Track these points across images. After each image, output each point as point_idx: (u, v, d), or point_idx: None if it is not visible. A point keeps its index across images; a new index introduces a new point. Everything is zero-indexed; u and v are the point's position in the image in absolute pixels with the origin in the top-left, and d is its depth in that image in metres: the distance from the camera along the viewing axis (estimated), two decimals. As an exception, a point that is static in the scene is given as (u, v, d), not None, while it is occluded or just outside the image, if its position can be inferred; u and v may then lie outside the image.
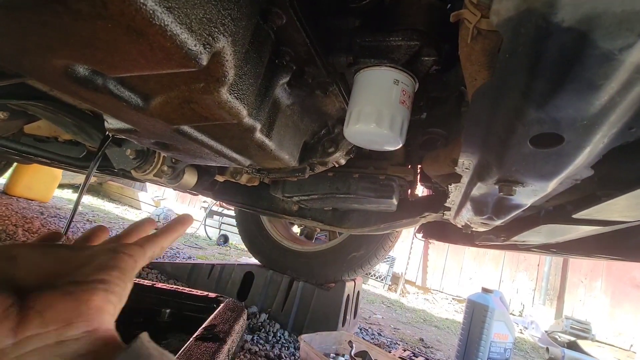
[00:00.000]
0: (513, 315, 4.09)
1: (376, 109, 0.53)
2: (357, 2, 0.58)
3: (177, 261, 2.53)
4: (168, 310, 0.87)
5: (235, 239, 4.78)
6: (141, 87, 0.40)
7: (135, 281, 0.97)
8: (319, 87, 0.61)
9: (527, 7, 0.19)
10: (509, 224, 0.77)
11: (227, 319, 0.81)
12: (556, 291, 4.07)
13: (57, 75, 0.37)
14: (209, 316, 0.82)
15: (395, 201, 1.05)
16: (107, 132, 0.59)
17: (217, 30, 0.31)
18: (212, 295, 0.98)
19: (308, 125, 0.73)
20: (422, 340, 2.32)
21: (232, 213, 5.04)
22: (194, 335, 0.68)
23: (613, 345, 3.64)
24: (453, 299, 4.45)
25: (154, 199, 6.25)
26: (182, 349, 0.61)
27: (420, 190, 1.31)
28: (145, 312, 0.89)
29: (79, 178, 6.13)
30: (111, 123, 0.56)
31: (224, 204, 5.09)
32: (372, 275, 4.50)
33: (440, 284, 4.69)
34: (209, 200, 5.45)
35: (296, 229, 2.45)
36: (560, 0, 0.17)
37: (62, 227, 2.76)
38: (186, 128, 0.52)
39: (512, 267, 4.40)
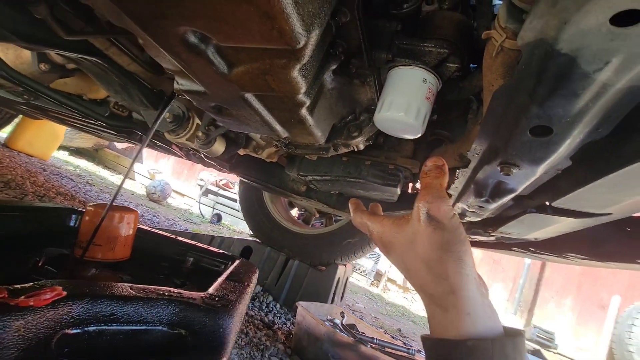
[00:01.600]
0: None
1: (406, 101, 0.65)
2: (398, 10, 0.70)
3: (176, 230, 2.62)
4: (191, 259, 0.98)
5: (228, 220, 4.87)
6: (232, 56, 0.51)
7: (159, 232, 1.08)
8: (359, 77, 0.72)
9: (542, 37, 0.31)
10: (496, 216, 0.90)
11: (246, 271, 0.92)
12: (528, 304, 4.29)
13: (173, 39, 0.47)
14: (227, 269, 0.93)
15: (398, 190, 1.17)
16: (174, 92, 0.69)
17: (315, 22, 0.41)
18: (227, 253, 1.09)
19: (340, 109, 0.84)
20: (399, 330, 2.47)
21: (228, 194, 5.12)
22: (223, 276, 0.79)
23: (573, 360, 3.88)
24: (431, 301, 4.64)
25: (150, 172, 6.28)
26: (216, 283, 0.72)
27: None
28: (170, 259, 1.00)
29: (77, 142, 6.12)
30: (182, 84, 0.66)
31: (220, 184, 5.17)
32: (357, 269, 4.65)
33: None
34: (205, 178, 5.52)
35: (294, 212, 2.56)
36: (561, 36, 0.29)
37: (65, 186, 2.82)
38: (250, 96, 0.62)
39: (490, 277, 4.60)
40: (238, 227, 4.77)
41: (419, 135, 0.69)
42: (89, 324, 0.43)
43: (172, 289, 0.58)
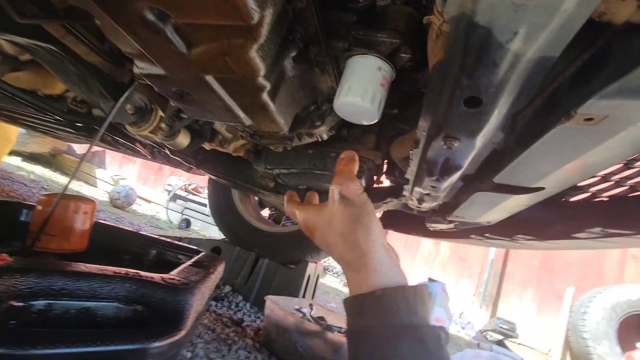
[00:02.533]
0: (453, 317, 4.46)
1: (362, 87, 0.69)
2: (354, 3, 0.74)
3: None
4: (154, 251, 0.96)
5: (198, 225, 4.74)
6: (191, 35, 0.52)
7: (120, 227, 1.05)
8: (318, 65, 0.75)
9: (462, 11, 0.35)
10: (450, 200, 0.96)
11: (211, 261, 0.91)
12: (492, 297, 4.51)
13: (132, 17, 0.48)
14: (196, 257, 0.92)
15: (363, 182, 1.21)
16: (134, 77, 0.69)
17: (268, 1, 0.44)
18: (192, 246, 1.08)
19: (302, 98, 0.87)
20: (371, 326, 2.52)
21: (197, 199, 4.99)
22: (187, 264, 0.78)
23: (534, 349, 4.11)
24: (402, 299, 4.75)
25: (113, 178, 5.99)
26: (179, 268, 0.72)
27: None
28: (131, 252, 0.97)
29: (31, 146, 5.73)
30: (142, 67, 0.66)
31: (188, 189, 5.03)
32: (330, 271, 4.68)
33: (392, 285, 4.98)
34: (174, 183, 5.35)
35: (266, 213, 2.55)
36: (477, 8, 0.33)
37: (17, 190, 2.64)
38: (210, 78, 0.63)
39: (457, 274, 4.80)
40: (208, 232, 4.66)
41: (376, 120, 0.73)
42: (38, 297, 0.42)
43: (130, 270, 0.57)
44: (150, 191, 6.25)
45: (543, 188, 0.66)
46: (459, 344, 3.24)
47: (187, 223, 4.52)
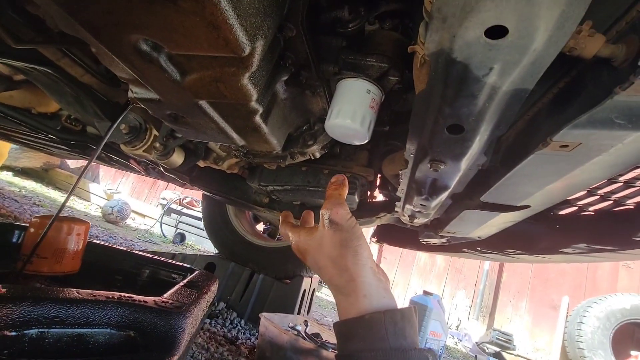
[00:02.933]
0: (450, 329, 4.43)
1: (352, 109, 0.71)
2: (343, 28, 0.77)
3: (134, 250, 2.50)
4: (147, 271, 0.95)
5: (192, 239, 4.70)
6: (184, 64, 0.54)
7: (113, 246, 1.05)
8: (309, 88, 0.77)
9: (441, 47, 0.37)
10: (441, 216, 0.97)
11: (204, 280, 0.91)
12: (488, 308, 4.50)
13: (126, 47, 0.49)
14: (190, 276, 0.92)
15: (356, 198, 1.23)
16: (129, 100, 0.70)
17: (258, 33, 0.46)
18: (186, 265, 1.08)
19: (294, 119, 0.89)
20: (367, 341, 2.49)
21: (192, 213, 4.96)
22: (180, 284, 0.78)
23: (532, 360, 4.09)
24: (399, 312, 4.72)
25: (107, 192, 5.94)
26: (172, 290, 0.72)
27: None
28: (124, 272, 0.97)
29: (22, 161, 5.68)
30: (137, 92, 0.68)
31: (182, 202, 5.00)
32: (325, 285, 4.63)
33: (388, 297, 4.95)
34: (168, 197, 5.32)
35: (260, 228, 2.54)
36: (454, 46, 0.36)
37: (8, 207, 2.61)
38: (204, 103, 0.65)
39: (452, 285, 4.79)
40: (202, 246, 4.61)
41: (366, 140, 0.75)
42: (30, 326, 0.42)
43: (122, 294, 0.57)
44: (145, 205, 6.20)
45: (528, 206, 0.68)
46: (456, 357, 3.21)
47: (181, 237, 4.47)
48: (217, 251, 2.19)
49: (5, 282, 0.73)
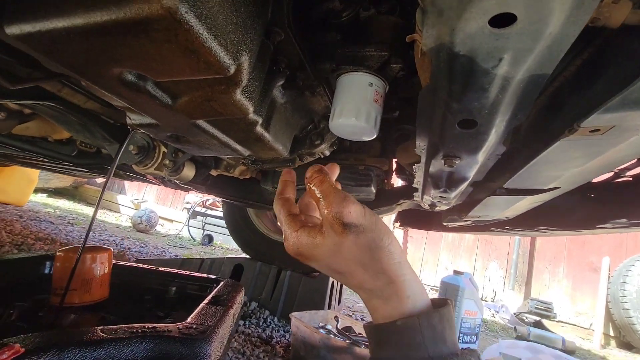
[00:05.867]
0: (485, 301, 4.37)
1: (355, 106, 0.67)
2: (337, 19, 0.72)
3: (165, 258, 2.58)
4: (174, 288, 0.97)
5: (220, 239, 4.82)
6: (173, 88, 0.52)
7: (139, 266, 1.07)
8: (308, 88, 0.74)
9: (440, 42, 0.33)
10: (464, 202, 0.93)
11: (229, 292, 0.92)
12: (524, 277, 4.38)
13: (110, 80, 0.48)
14: (212, 292, 0.93)
15: (373, 189, 1.19)
16: (128, 127, 0.70)
17: (241, 48, 0.43)
18: (211, 276, 1.09)
19: (298, 121, 0.85)
20: (401, 324, 2.49)
21: (216, 213, 5.07)
22: (204, 302, 0.79)
23: (575, 325, 3.98)
24: (431, 288, 4.69)
25: (134, 202, 6.16)
26: (197, 310, 0.72)
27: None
28: (152, 291, 0.99)
29: (53, 182, 5.96)
30: (134, 119, 0.67)
31: (206, 204, 5.11)
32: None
33: (419, 275, 4.93)
34: (192, 201, 5.45)
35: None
36: (455, 40, 0.31)
37: (44, 230, 2.75)
38: (201, 122, 0.63)
39: (484, 257, 4.69)
40: (231, 245, 4.73)
41: (374, 136, 0.71)
42: (59, 374, 0.43)
43: (146, 325, 0.58)
44: (171, 210, 6.40)
45: (558, 187, 0.63)
46: (495, 330, 3.17)
47: (209, 239, 4.59)
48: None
49: (45, 317, 0.77)
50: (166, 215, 6.16)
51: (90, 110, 1.06)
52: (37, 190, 5.74)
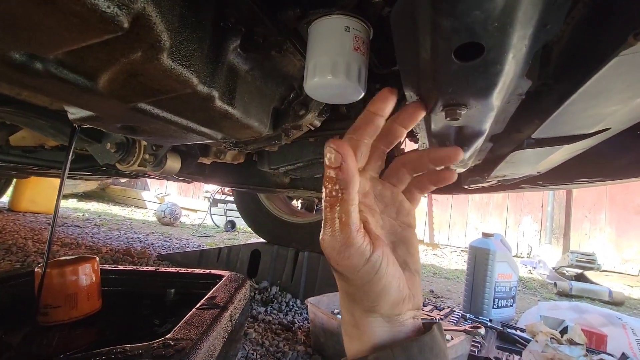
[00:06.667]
0: (521, 257, 4.19)
1: (330, 59, 0.53)
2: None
3: (186, 250, 2.60)
4: (172, 290, 0.91)
5: (242, 223, 4.85)
6: (81, 65, 0.40)
7: (138, 269, 1.01)
8: (273, 46, 0.60)
9: None
10: (485, 159, 0.78)
11: (229, 289, 0.84)
12: (561, 229, 4.14)
13: (-5, 65, 0.37)
14: (211, 290, 0.86)
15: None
16: (73, 124, 0.60)
17: (132, -12, 0.30)
18: (214, 272, 1.02)
19: (274, 89, 0.72)
20: (432, 291, 2.41)
21: (236, 199, 5.10)
22: (196, 307, 0.71)
23: (621, 273, 3.75)
24: (461, 250, 4.55)
25: (158, 196, 6.31)
26: (184, 319, 0.65)
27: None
28: (151, 295, 0.93)
29: (81, 186, 6.19)
30: (73, 112, 0.57)
31: (225, 191, 5.14)
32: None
33: (447, 238, 4.78)
34: (211, 189, 5.50)
35: (297, 203, 2.48)
36: None
37: (71, 235, 2.83)
38: (144, 105, 0.52)
39: (516, 212, 4.45)
40: (254, 228, 4.75)
41: (362, 94, 0.58)
42: None
43: (117, 348, 0.50)
44: (193, 200, 6.52)
45: (607, 129, 0.48)
46: (533, 287, 3.02)
47: (232, 224, 4.64)
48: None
49: (26, 337, 0.72)
50: (189, 206, 6.29)
51: (59, 111, 0.98)
52: (67, 196, 6.00)
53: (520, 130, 0.55)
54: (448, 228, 4.79)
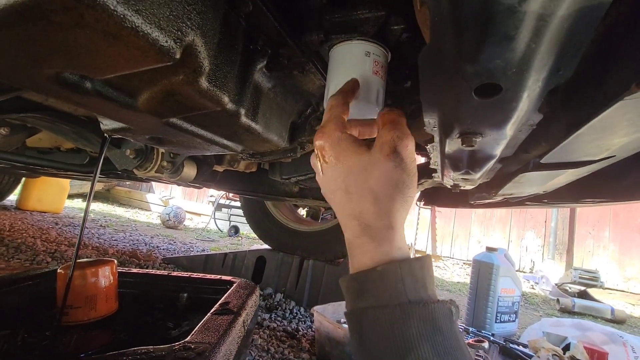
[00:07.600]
0: (524, 272, 4.17)
1: (351, 82, 0.56)
2: (320, -21, 0.60)
3: (191, 254, 2.63)
4: (185, 295, 0.93)
5: (246, 229, 4.88)
6: (126, 86, 0.44)
7: (151, 272, 1.04)
8: (296, 67, 0.63)
9: (438, -26, 0.22)
10: (493, 179, 0.81)
11: (240, 296, 0.87)
12: (565, 245, 4.13)
13: (50, 84, 0.40)
14: (224, 296, 0.88)
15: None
16: (104, 134, 0.63)
17: (184, 25, 0.34)
18: (225, 278, 1.04)
19: (293, 105, 0.76)
20: (434, 303, 2.41)
21: (239, 204, 5.13)
22: (211, 311, 0.74)
23: (623, 291, 3.72)
24: (464, 263, 4.54)
25: (162, 199, 6.36)
26: (200, 323, 0.67)
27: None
28: (164, 299, 0.96)
29: (87, 186, 6.24)
30: (106, 124, 0.60)
31: (230, 196, 5.17)
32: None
33: (450, 250, 4.78)
34: (216, 194, 5.54)
35: (302, 211, 2.51)
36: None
37: (76, 235, 2.86)
38: (175, 120, 0.55)
39: (519, 227, 4.45)
40: (257, 233, 4.77)
41: (377, 113, 0.61)
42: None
43: (141, 349, 0.53)
44: (197, 204, 6.55)
45: (612, 156, 0.50)
46: (535, 302, 3.01)
47: (235, 229, 4.66)
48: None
49: (47, 336, 0.75)
50: (194, 210, 6.33)
51: (82, 117, 1.02)
52: (72, 196, 6.05)
53: (527, 151, 0.58)
54: (451, 240, 4.79)
